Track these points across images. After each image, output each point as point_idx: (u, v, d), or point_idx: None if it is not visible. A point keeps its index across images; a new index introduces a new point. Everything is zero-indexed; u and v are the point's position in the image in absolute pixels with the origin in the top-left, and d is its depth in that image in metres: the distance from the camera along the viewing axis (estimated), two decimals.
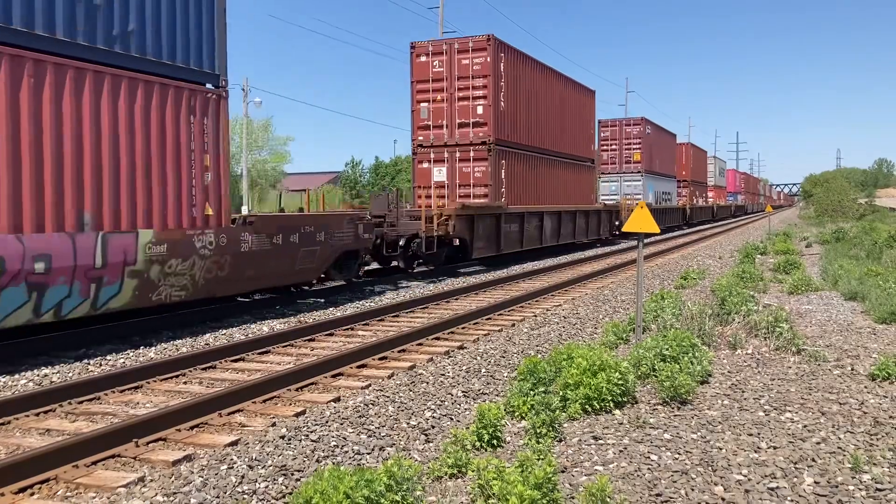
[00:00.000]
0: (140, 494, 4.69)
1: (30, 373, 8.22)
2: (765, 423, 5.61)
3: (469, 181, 21.25)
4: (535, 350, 9.08)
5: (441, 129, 21.66)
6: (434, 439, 5.73)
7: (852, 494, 4.26)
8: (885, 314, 10.03)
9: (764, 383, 6.79)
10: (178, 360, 8.38)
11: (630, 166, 41.15)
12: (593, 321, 11.32)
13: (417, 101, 21.76)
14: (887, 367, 6.87)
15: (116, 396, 7.29)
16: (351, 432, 5.84)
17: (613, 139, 41.73)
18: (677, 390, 6.12)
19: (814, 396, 6.33)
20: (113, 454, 5.45)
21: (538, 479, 3.92)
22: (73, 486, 4.93)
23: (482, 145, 21.09)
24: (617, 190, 40.70)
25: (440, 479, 4.68)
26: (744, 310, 9.79)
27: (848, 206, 57.59)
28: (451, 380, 7.60)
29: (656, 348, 6.98)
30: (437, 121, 21.67)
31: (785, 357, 7.87)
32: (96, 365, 8.69)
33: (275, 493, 4.64)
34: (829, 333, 9.22)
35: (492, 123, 20.98)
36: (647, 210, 8.10)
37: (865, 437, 5.26)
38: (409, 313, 12.41)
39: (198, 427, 6.17)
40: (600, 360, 6.14)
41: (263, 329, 11.02)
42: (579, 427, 5.67)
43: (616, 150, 41.60)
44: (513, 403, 6.05)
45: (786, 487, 4.37)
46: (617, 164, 41.56)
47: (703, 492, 4.35)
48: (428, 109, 21.69)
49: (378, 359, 8.73)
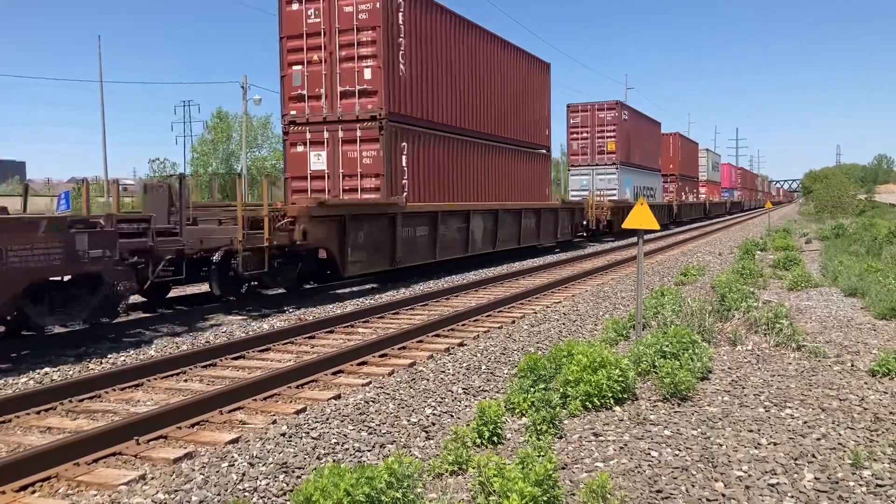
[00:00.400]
0: (141, 492, 4.70)
1: (30, 371, 8.22)
2: (765, 419, 5.61)
3: (356, 170, 16.02)
4: (536, 347, 9.08)
5: (319, 100, 16.20)
6: (435, 436, 5.73)
7: (853, 490, 4.26)
8: (885, 310, 10.03)
9: (764, 379, 6.80)
10: (179, 358, 8.38)
11: (603, 157, 35.75)
12: (593, 318, 11.32)
13: (288, 63, 16.46)
14: (887, 363, 6.87)
15: (117, 394, 7.30)
16: (351, 429, 5.85)
17: (584, 126, 36.14)
18: (677, 387, 6.12)
19: (814, 392, 6.33)
20: (114, 452, 5.46)
21: (539, 476, 3.92)
22: (74, 483, 4.93)
23: (371, 121, 15.74)
24: (588, 185, 35.55)
25: (441, 476, 4.69)
26: (744, 306, 9.80)
27: (847, 202, 57.56)
28: (451, 377, 7.61)
29: (656, 345, 6.98)
30: (314, 89, 16.18)
31: (785, 353, 7.88)
32: (96, 363, 8.69)
33: (276, 491, 4.65)
34: (829, 329, 9.22)
35: (384, 92, 15.61)
36: (647, 206, 8.08)
37: (866, 432, 5.26)
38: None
39: (198, 425, 6.18)
40: (600, 356, 6.14)
41: (264, 327, 11.02)
42: (580, 424, 5.67)
43: (587, 138, 36.08)
44: (513, 400, 6.05)
45: (786, 483, 4.37)
46: (588, 156, 36.08)
47: (704, 488, 4.35)
48: (302, 74, 16.20)
49: (378, 356, 8.73)
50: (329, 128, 16.15)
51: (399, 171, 16.28)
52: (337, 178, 16.19)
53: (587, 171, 36.07)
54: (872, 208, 58.05)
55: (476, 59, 20.05)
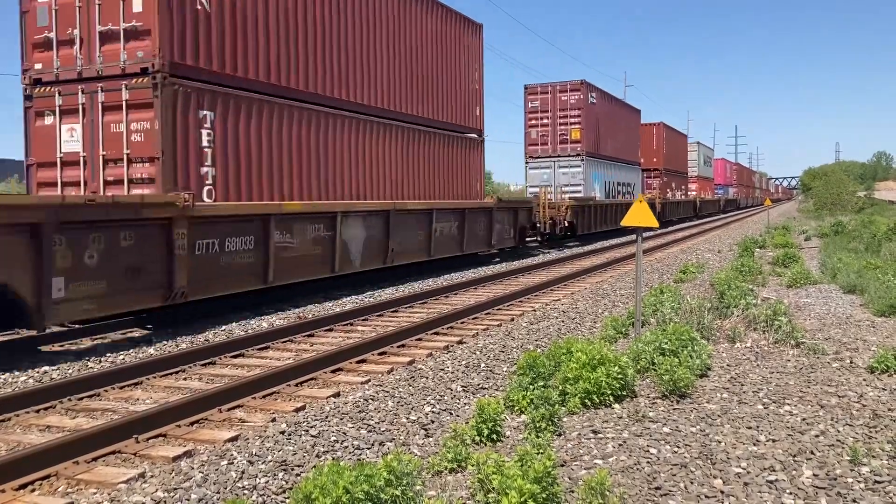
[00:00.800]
0: (141, 490, 4.70)
1: (30, 370, 8.22)
2: (764, 416, 5.62)
3: (121, 152, 10.74)
4: (535, 345, 9.08)
5: (71, 46, 11.00)
6: (434, 434, 5.74)
7: (851, 487, 4.27)
8: (883, 307, 10.04)
9: (763, 376, 6.80)
10: (178, 357, 8.38)
11: (566, 148, 30.01)
12: (592, 315, 11.32)
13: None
14: (886, 360, 6.88)
15: (116, 393, 7.30)
16: (351, 427, 5.85)
17: (545, 111, 30.28)
18: (676, 384, 6.12)
19: (813, 389, 6.34)
20: (113, 450, 5.46)
21: (538, 474, 3.92)
22: (73, 482, 4.93)
23: (141, 76, 10.58)
24: (550, 180, 30.00)
25: (440, 473, 4.69)
26: (743, 303, 9.80)
27: (847, 199, 57.60)
28: (450, 374, 7.61)
29: (655, 342, 6.99)
30: (65, 30, 11.00)
31: (784, 350, 7.88)
32: (96, 362, 8.69)
33: (275, 489, 4.65)
34: (827, 326, 9.23)
35: (163, 30, 10.49)
36: (646, 204, 8.07)
37: (864, 429, 5.26)
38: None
39: (198, 423, 6.18)
40: (599, 354, 6.14)
41: (263, 325, 11.02)
42: (579, 421, 5.68)
43: (548, 125, 30.27)
44: (512, 398, 6.06)
45: (785, 480, 4.38)
46: (549, 145, 30.26)
47: (703, 485, 4.36)
48: (50, 9, 11.07)
49: (377, 354, 8.74)
50: (86, 87, 10.95)
51: (195, 153, 11.05)
52: (96, 166, 10.95)
53: (548, 163, 30.18)
54: (871, 205, 58.12)
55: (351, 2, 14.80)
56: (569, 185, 29.72)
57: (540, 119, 30.42)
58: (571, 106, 30.11)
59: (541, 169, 30.29)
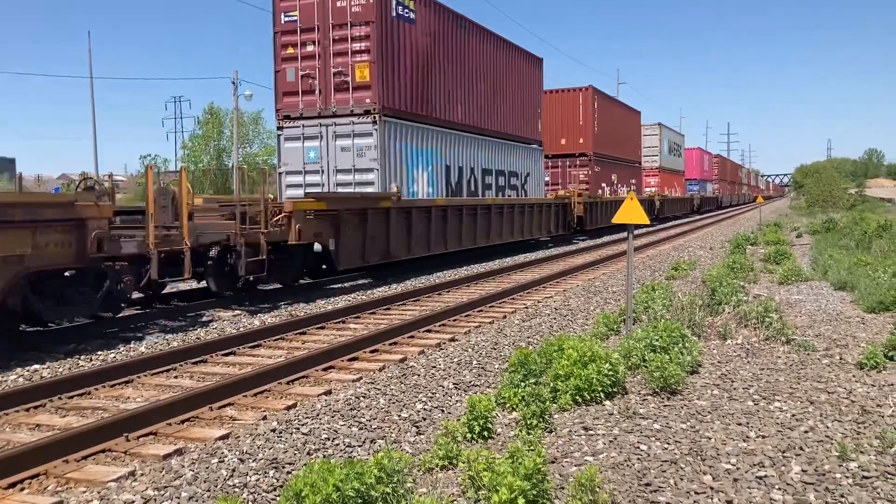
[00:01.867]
0: (131, 489, 4.69)
1: (20, 368, 8.18)
2: (754, 412, 5.64)
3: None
4: (527, 342, 9.09)
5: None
6: (425, 431, 5.74)
7: (839, 482, 4.29)
8: (873, 304, 10.09)
9: (753, 373, 6.83)
10: (169, 355, 8.36)
11: (347, 100, 16.77)
12: (584, 312, 11.34)
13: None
14: (875, 357, 6.92)
15: (107, 391, 7.27)
16: (342, 425, 5.85)
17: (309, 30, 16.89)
18: (667, 381, 6.14)
19: (802, 386, 6.37)
20: (103, 449, 5.44)
21: (528, 470, 3.93)
22: (63, 480, 4.91)
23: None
24: (320, 156, 17.12)
25: (431, 470, 4.70)
26: (734, 300, 9.84)
27: (838, 196, 57.89)
28: (442, 372, 7.61)
29: (646, 339, 7.00)
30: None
31: (774, 347, 7.92)
32: (87, 360, 8.66)
33: (266, 487, 4.65)
34: (818, 323, 9.27)
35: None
36: (637, 201, 8.06)
37: (853, 425, 5.30)
38: None
39: (189, 421, 6.17)
40: (591, 351, 6.16)
41: (255, 323, 11.00)
42: (570, 418, 5.69)
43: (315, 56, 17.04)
44: (504, 395, 6.06)
45: (773, 476, 4.40)
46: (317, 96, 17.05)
47: (692, 481, 4.37)
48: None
49: (369, 351, 8.73)
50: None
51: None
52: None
53: (314, 129, 17.05)
54: (863, 202, 58.42)
55: None
56: (351, 170, 16.70)
57: (302, 46, 17.00)
58: (355, 19, 16.44)
59: (306, 140, 17.09)
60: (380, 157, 16.73)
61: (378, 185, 16.71)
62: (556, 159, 31.69)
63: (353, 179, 16.99)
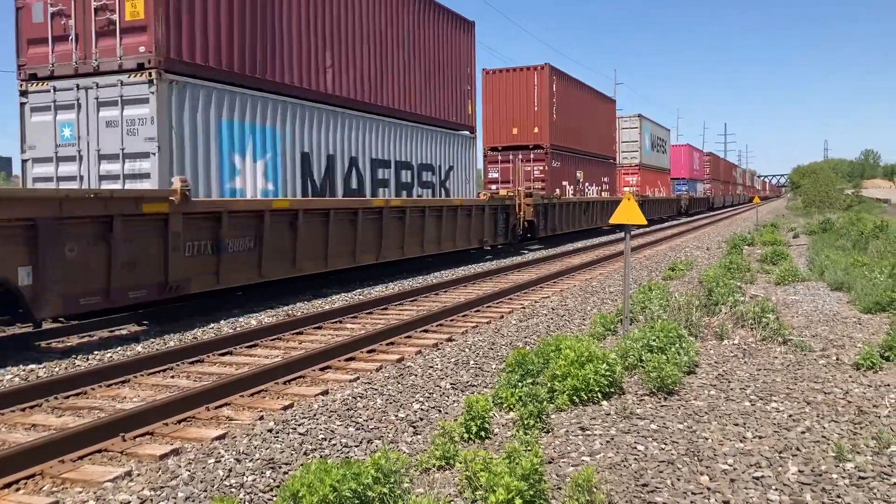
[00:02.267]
0: (127, 489, 4.68)
1: (16, 368, 8.16)
2: (750, 412, 5.65)
3: None
4: (524, 342, 9.09)
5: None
6: (422, 432, 5.73)
7: (836, 483, 4.30)
8: (870, 304, 10.11)
9: (750, 373, 6.84)
10: (166, 354, 8.34)
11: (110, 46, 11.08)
12: (581, 313, 11.35)
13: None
14: (871, 357, 6.93)
15: (103, 391, 7.25)
16: (339, 425, 5.84)
17: None
18: (664, 381, 6.15)
19: (799, 386, 6.38)
20: (99, 449, 5.43)
21: (525, 471, 3.93)
22: (59, 481, 4.90)
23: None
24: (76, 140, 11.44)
25: (428, 471, 4.69)
26: (731, 300, 9.85)
27: (835, 196, 58.06)
28: (439, 372, 7.61)
29: (643, 339, 7.01)
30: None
31: (771, 347, 7.93)
32: (83, 359, 8.64)
33: (262, 487, 4.64)
34: (815, 324, 9.29)
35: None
36: (634, 202, 8.07)
37: (849, 425, 5.30)
38: None
39: (185, 421, 6.15)
40: (588, 351, 6.16)
41: (252, 322, 10.99)
42: (567, 418, 5.69)
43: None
44: (501, 395, 6.06)
45: (770, 476, 4.40)
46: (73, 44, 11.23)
47: (689, 481, 4.38)
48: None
49: (366, 351, 8.72)
50: None
51: None
52: None
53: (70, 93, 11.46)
54: (859, 203, 58.60)
55: None
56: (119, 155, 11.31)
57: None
58: None
59: (59, 111, 11.64)
60: (162, 135, 10.96)
61: (158, 179, 10.95)
62: (507, 152, 26.89)
63: (123, 170, 11.23)
